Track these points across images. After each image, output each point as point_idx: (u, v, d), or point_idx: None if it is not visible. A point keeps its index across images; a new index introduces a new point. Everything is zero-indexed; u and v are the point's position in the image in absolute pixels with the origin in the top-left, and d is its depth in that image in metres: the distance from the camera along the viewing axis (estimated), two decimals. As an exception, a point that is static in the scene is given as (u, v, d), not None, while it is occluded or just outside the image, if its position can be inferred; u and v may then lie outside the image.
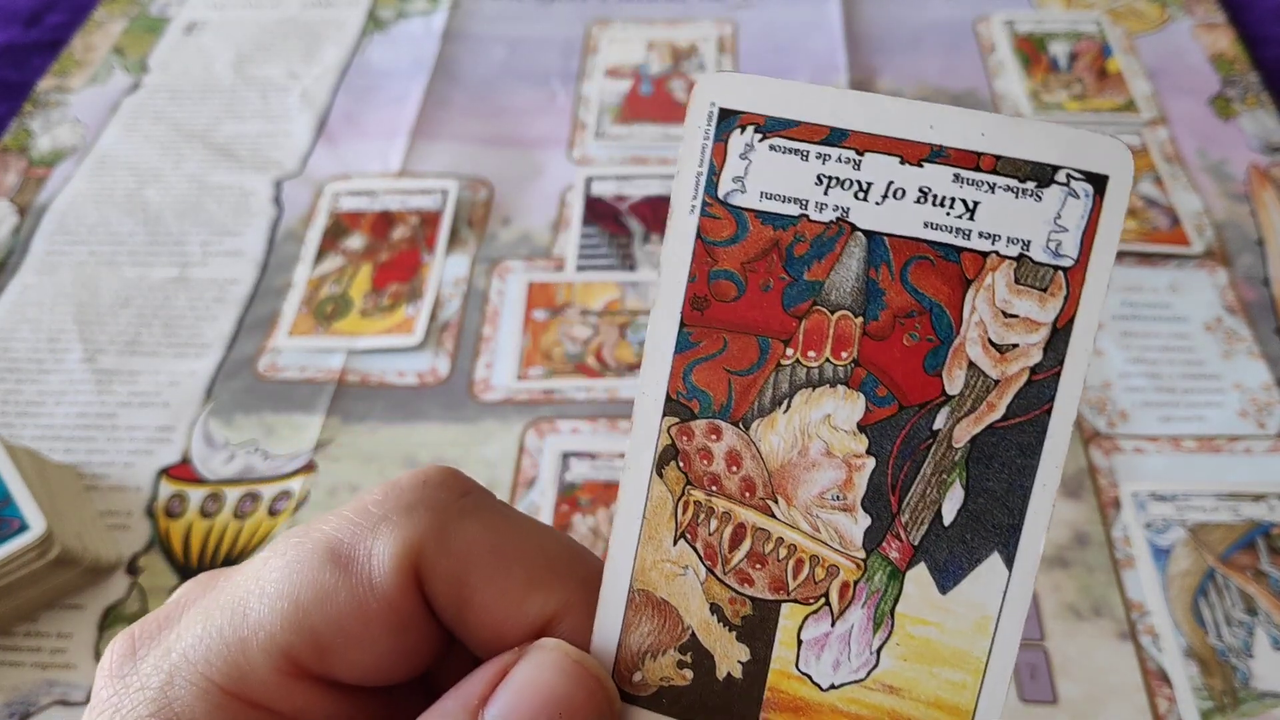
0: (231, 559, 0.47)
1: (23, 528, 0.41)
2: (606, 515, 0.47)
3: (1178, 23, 0.73)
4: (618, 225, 0.60)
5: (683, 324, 0.19)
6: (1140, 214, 0.59)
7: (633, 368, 0.53)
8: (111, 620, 0.45)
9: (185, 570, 0.46)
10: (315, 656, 0.18)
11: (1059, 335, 0.18)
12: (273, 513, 0.48)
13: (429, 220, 0.61)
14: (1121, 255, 0.57)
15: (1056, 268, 0.17)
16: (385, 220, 0.61)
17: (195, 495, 0.49)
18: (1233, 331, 0.53)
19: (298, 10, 0.78)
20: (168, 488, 0.49)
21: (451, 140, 0.67)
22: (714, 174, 0.18)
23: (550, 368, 0.53)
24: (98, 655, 0.43)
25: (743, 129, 0.18)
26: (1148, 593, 0.44)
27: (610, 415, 0.51)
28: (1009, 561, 0.18)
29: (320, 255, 0.59)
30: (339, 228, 0.61)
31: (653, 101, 0.69)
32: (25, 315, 0.57)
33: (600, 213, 0.61)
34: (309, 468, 0.50)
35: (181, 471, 0.50)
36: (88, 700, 0.45)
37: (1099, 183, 0.17)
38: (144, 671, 0.18)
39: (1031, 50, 0.70)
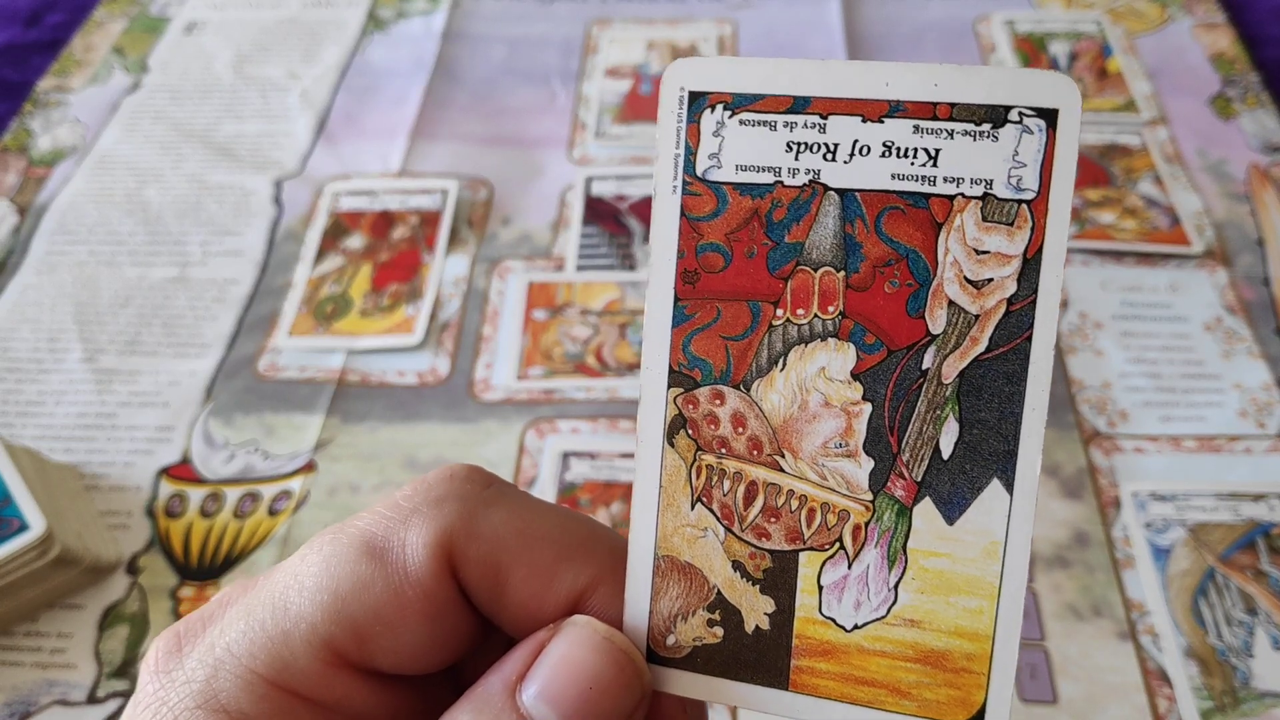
0: (231, 559, 0.47)
1: (23, 528, 0.41)
2: (607, 515, 0.47)
3: (1178, 23, 0.73)
4: (618, 225, 0.60)
5: (677, 299, 0.20)
6: (1140, 214, 0.59)
7: (633, 367, 0.53)
8: (111, 620, 0.45)
9: (185, 570, 0.46)
10: (355, 645, 0.19)
11: (1030, 265, 0.18)
12: (273, 513, 0.48)
13: (429, 220, 0.61)
14: (1121, 255, 0.57)
15: (1020, 201, 0.18)
16: (385, 220, 0.61)
17: (195, 495, 0.49)
18: (1233, 331, 0.53)
19: (298, 10, 0.78)
20: (168, 487, 0.49)
21: (451, 140, 0.67)
22: (690, 154, 0.20)
23: (550, 368, 0.53)
24: (98, 655, 0.43)
25: (712, 108, 0.19)
26: (1148, 593, 0.44)
27: (610, 415, 0.51)
28: (1009, 486, 0.19)
29: (320, 255, 0.59)
30: (339, 227, 0.61)
31: (653, 101, 0.69)
32: (25, 315, 0.57)
33: (600, 212, 0.61)
34: (309, 467, 0.50)
35: (181, 471, 0.50)
36: (88, 700, 0.46)
37: (1050, 117, 0.18)
38: (189, 666, 0.19)
39: (1031, 50, 0.70)
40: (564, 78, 0.71)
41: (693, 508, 0.20)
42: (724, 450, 0.20)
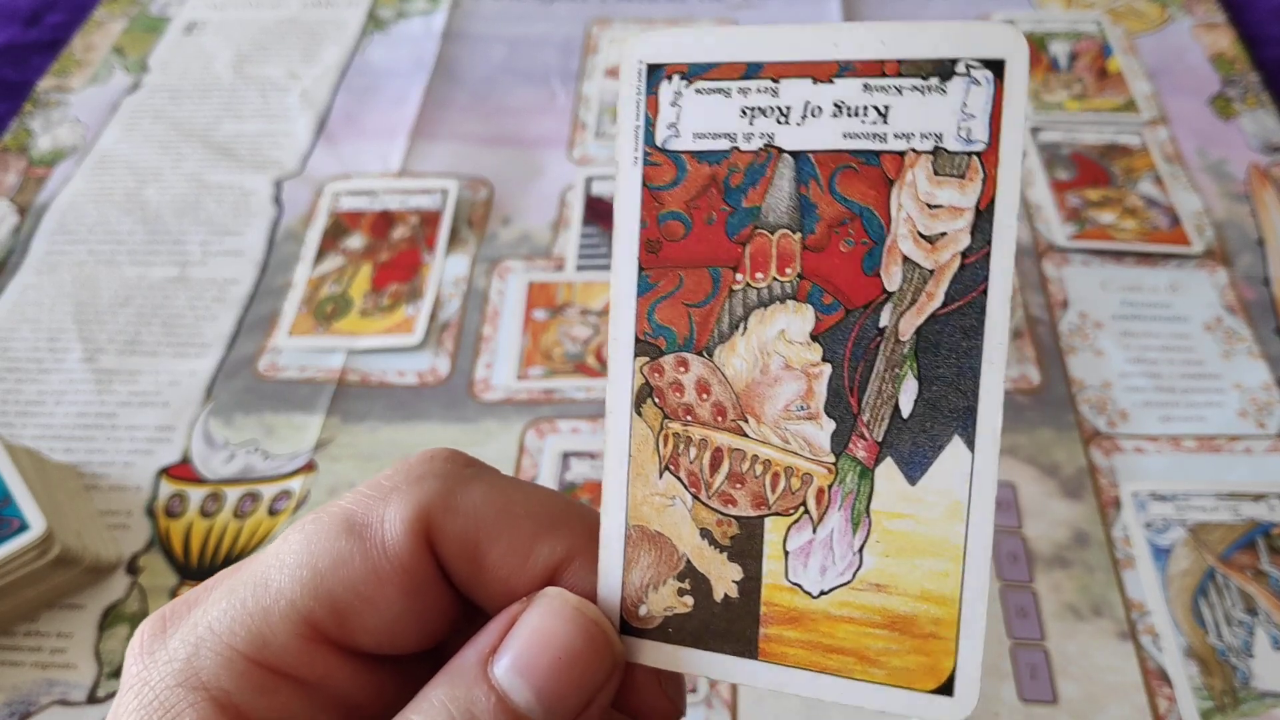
0: (231, 559, 0.47)
1: (23, 527, 0.41)
2: (606, 515, 0.47)
3: (1178, 23, 0.73)
4: (618, 225, 0.60)
5: (641, 268, 0.20)
6: (1140, 214, 0.59)
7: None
8: (111, 620, 0.45)
9: (185, 570, 0.46)
10: (335, 621, 0.19)
11: (983, 217, 0.18)
12: (273, 512, 0.48)
13: (429, 220, 0.61)
14: (1121, 255, 0.57)
15: (970, 153, 0.18)
16: (385, 220, 0.61)
17: (195, 495, 0.49)
18: (1233, 331, 0.53)
19: (298, 10, 0.78)
20: (168, 487, 0.49)
21: (451, 140, 0.67)
22: (650, 125, 0.20)
23: (550, 367, 0.53)
24: (98, 655, 0.43)
25: (670, 79, 0.20)
26: (1148, 593, 0.44)
27: (610, 415, 0.51)
28: (970, 443, 0.19)
29: (320, 255, 0.59)
30: (339, 227, 0.61)
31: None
32: (25, 315, 0.57)
33: (600, 212, 0.61)
34: (309, 467, 0.50)
35: (181, 471, 0.50)
36: (89, 700, 0.46)
37: (997, 68, 0.18)
38: (172, 646, 0.19)
39: (1031, 50, 0.70)
40: (564, 78, 0.71)
41: (661, 476, 0.20)
42: (689, 417, 0.20)
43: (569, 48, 0.74)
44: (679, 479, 0.20)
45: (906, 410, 0.19)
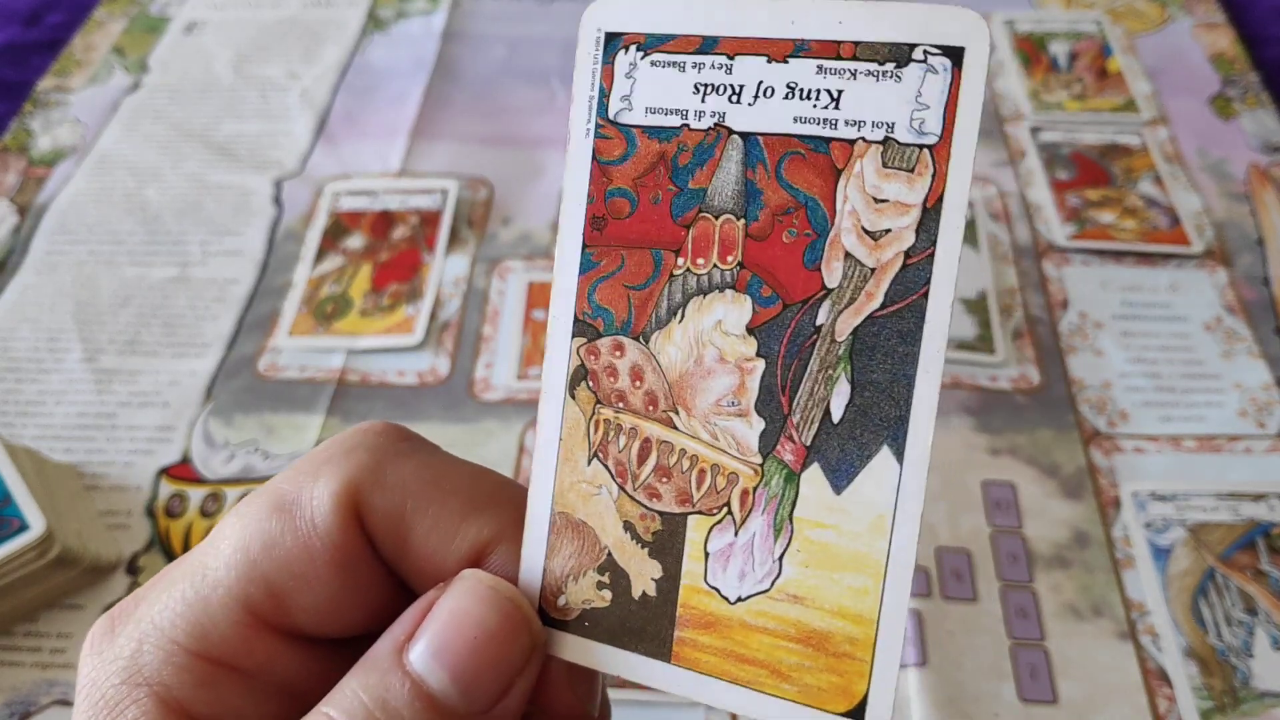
0: (231, 559, 0.47)
1: (23, 527, 0.41)
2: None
3: (1178, 23, 0.73)
4: (618, 225, 0.60)
5: (584, 245, 0.19)
6: (1140, 214, 0.59)
7: (633, 367, 0.53)
8: (111, 620, 0.45)
9: (185, 570, 0.46)
10: (272, 604, 0.19)
11: (930, 215, 0.17)
12: (273, 512, 0.48)
13: (429, 220, 0.61)
14: (1121, 255, 0.57)
15: (922, 146, 0.17)
16: (385, 220, 0.61)
17: (195, 495, 0.49)
18: (1232, 331, 0.53)
19: (298, 10, 0.78)
20: (168, 487, 0.49)
21: (451, 140, 0.67)
22: (604, 96, 0.19)
23: (550, 367, 0.53)
24: (98, 655, 0.43)
25: (626, 49, 0.19)
26: (1148, 593, 0.44)
27: (610, 415, 0.51)
28: (899, 455, 0.18)
29: (320, 255, 0.59)
30: (339, 227, 0.61)
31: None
32: (25, 315, 0.57)
33: (600, 212, 0.61)
34: (309, 467, 0.50)
35: (181, 471, 0.50)
36: (88, 700, 0.45)
37: (956, 55, 0.17)
38: (119, 644, 0.19)
39: (1031, 50, 0.70)
40: (564, 78, 0.71)
41: (589, 463, 0.20)
42: (621, 404, 0.19)
43: (569, 48, 0.73)
44: (606, 467, 0.20)
45: (837, 414, 0.18)
